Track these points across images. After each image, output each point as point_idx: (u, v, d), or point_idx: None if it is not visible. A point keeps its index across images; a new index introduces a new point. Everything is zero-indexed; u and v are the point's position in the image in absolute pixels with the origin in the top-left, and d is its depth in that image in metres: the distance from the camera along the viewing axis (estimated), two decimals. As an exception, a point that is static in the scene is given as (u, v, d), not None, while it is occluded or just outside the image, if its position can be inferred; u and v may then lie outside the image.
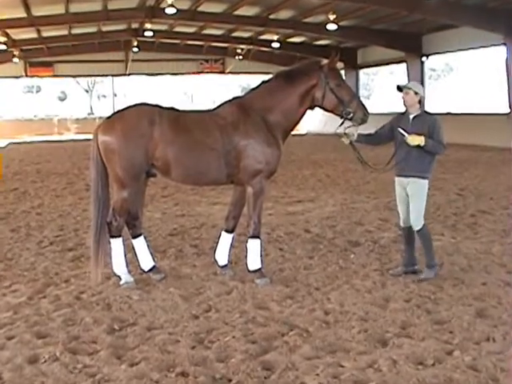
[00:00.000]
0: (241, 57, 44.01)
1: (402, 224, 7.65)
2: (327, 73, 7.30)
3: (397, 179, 7.52)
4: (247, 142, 7.16)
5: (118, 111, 7.37)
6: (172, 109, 7.41)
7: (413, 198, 7.33)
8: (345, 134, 7.44)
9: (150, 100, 7.85)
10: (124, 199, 7.10)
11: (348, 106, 7.28)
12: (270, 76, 7.65)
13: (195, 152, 7.11)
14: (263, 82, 7.59)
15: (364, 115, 7.34)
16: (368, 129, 7.69)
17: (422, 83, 30.45)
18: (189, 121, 7.24)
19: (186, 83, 79.47)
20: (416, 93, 7.28)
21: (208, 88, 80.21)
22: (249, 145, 7.16)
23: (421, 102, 7.36)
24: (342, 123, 7.45)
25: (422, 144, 7.11)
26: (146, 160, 7.05)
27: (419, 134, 7.14)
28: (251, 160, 7.16)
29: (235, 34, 37.99)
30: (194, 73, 48.43)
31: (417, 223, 7.35)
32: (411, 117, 7.36)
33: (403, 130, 7.23)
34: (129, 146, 6.97)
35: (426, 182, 7.34)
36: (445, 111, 33.12)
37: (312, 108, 7.52)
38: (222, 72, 48.08)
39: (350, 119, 7.34)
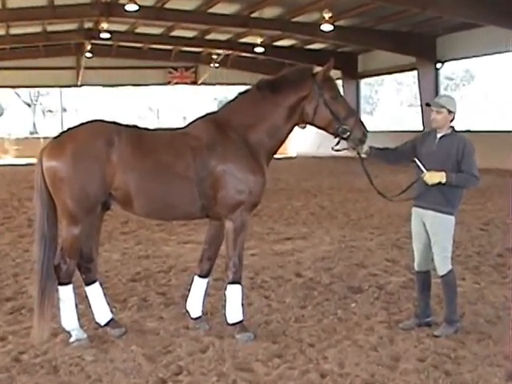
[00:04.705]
0: (217, 64, 44.31)
1: (416, 267, 7.64)
2: (321, 83, 7.36)
3: (414, 210, 7.52)
4: (225, 167, 7.17)
5: (68, 130, 7.37)
6: (134, 127, 7.44)
7: (435, 237, 7.30)
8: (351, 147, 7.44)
9: (107, 117, 7.87)
10: (75, 237, 7.06)
11: (344, 122, 7.33)
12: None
13: (162, 179, 7.12)
14: (240, 94, 7.66)
15: (363, 135, 7.39)
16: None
17: (436, 95, 30.58)
18: (155, 142, 7.25)
19: (151, 96, 79.72)
20: (450, 111, 7.21)
21: (177, 102, 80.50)
22: (227, 171, 7.17)
23: (453, 121, 7.31)
24: (339, 142, 7.51)
25: (443, 181, 7.06)
26: (101, 189, 7.03)
27: (445, 157, 7.13)
28: (230, 189, 7.18)
29: (210, 37, 38.30)
30: (160, 83, 48.66)
31: (443, 267, 7.32)
32: (438, 136, 7.34)
33: (420, 162, 7.23)
34: (81, 172, 6.95)
35: (450, 218, 7.32)
36: (464, 128, 33.35)
37: (298, 124, 7.61)
38: (195, 82, 48.44)
39: (346, 138, 7.38)
